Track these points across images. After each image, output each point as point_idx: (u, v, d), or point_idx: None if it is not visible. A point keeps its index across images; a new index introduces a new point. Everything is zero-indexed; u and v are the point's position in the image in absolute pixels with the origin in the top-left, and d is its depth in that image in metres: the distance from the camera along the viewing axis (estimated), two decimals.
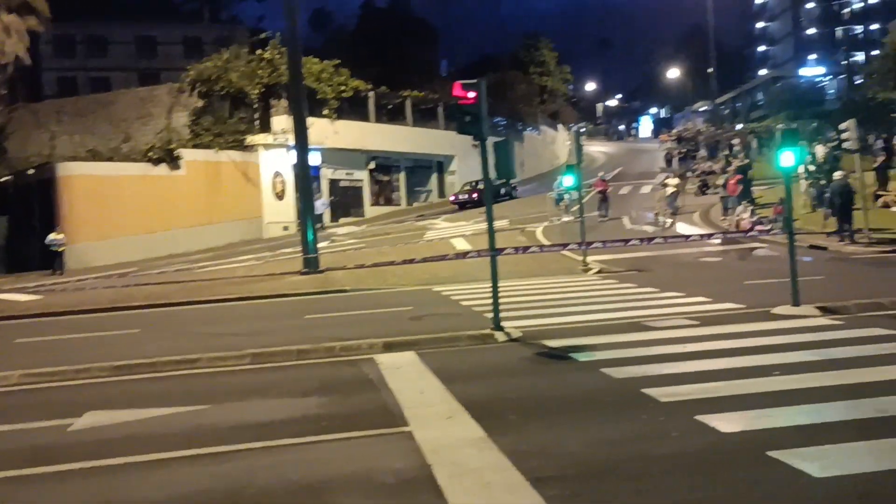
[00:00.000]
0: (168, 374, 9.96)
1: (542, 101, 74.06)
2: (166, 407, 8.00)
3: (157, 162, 32.10)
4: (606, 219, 29.03)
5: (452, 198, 42.76)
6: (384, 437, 6.53)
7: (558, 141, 71.02)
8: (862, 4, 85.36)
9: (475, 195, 39.36)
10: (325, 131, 37.51)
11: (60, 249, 27.76)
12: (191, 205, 32.85)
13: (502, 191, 41.13)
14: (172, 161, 32.52)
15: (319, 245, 23.32)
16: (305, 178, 22.82)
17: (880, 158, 27.64)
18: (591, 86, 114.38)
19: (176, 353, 10.75)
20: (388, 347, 10.39)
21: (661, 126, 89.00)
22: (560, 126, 73.46)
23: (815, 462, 5.18)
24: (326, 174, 39.73)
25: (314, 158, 34.24)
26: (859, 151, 20.94)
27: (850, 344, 8.96)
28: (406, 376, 8.78)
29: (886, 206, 24.08)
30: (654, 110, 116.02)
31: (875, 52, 58.14)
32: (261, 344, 11.04)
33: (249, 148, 36.18)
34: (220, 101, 36.80)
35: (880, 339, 9.17)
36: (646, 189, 37.49)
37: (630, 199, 36.34)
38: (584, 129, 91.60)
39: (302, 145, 22.20)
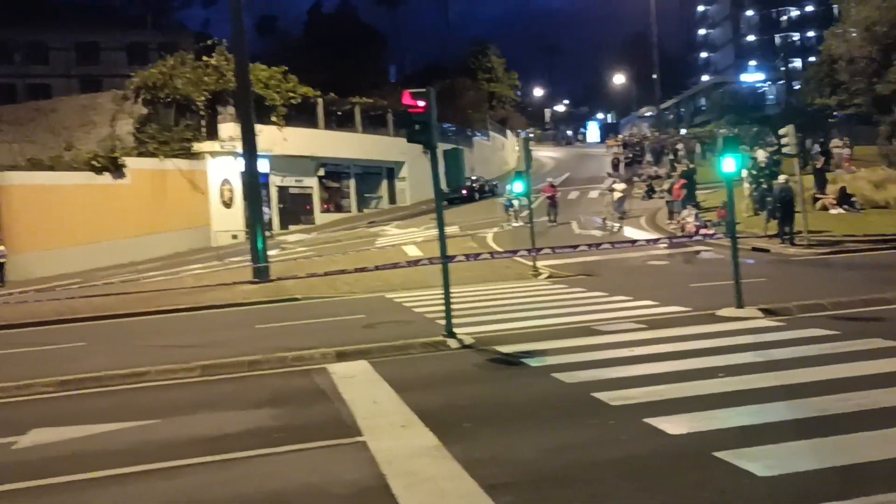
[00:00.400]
0: (115, 388, 9.78)
1: (491, 107, 74.58)
2: (114, 422, 7.86)
3: (100, 171, 31.44)
4: (555, 224, 29.37)
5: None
6: (338, 448, 6.53)
7: (508, 147, 71.64)
8: (798, 13, 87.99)
9: (464, 191, 42.66)
10: (274, 138, 37.22)
11: (1, 261, 27.03)
12: (136, 214, 32.25)
13: (486, 188, 46.41)
14: (116, 170, 31.90)
15: (269, 253, 23.13)
16: (254, 185, 22.64)
17: (818, 162, 28.51)
18: (538, 92, 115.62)
19: (123, 366, 10.56)
20: (341, 357, 10.36)
21: (608, 131, 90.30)
22: (509, 132, 74.09)
23: (758, 462, 5.35)
24: (275, 181, 39.40)
25: (262, 166, 34.00)
26: (798, 156, 21.57)
27: (792, 345, 9.24)
28: (359, 386, 8.77)
29: (825, 208, 24.82)
30: (601, 115, 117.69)
31: (811, 59, 59.89)
32: (211, 355, 10.91)
33: (196, 156, 35.68)
34: (165, 108, 36.20)
35: (820, 339, 9.47)
36: (594, 194, 37.99)
37: (578, 203, 36.82)
38: (532, 135, 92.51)
39: (250, 153, 22.01)
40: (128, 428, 7.66)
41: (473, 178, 47.55)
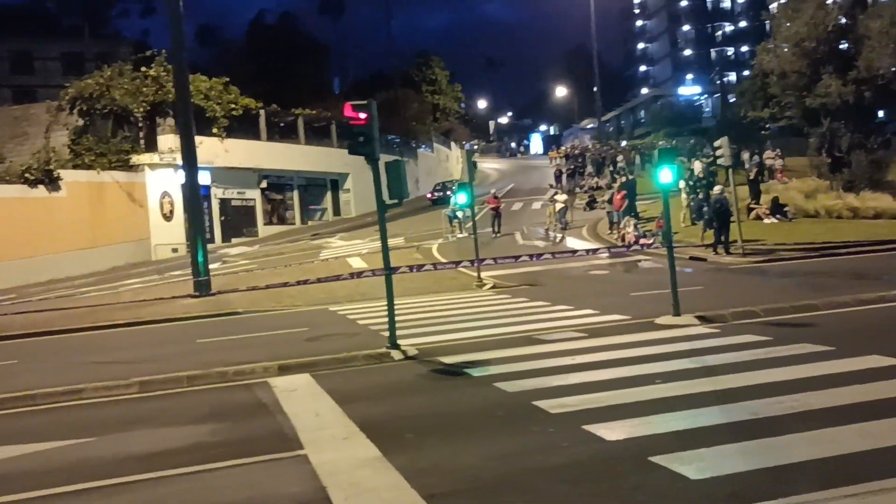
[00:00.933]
0: (50, 406, 9.52)
1: (436, 118, 74.92)
2: (48, 441, 7.66)
3: (34, 184, 30.57)
4: (499, 235, 29.60)
5: (429, 195, 50.23)
6: (279, 462, 6.48)
7: (452, 158, 72.00)
8: (732, 28, 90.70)
9: (448, 192, 45.88)
10: (215, 150, 36.73)
11: None
12: (73, 228, 31.43)
13: (448, 193, 46.78)
14: (52, 182, 31.05)
15: (211, 266, 22.79)
16: (194, 198, 22.31)
17: (753, 173, 29.35)
18: (482, 104, 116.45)
19: (58, 384, 10.27)
20: (283, 370, 10.27)
21: (550, 143, 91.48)
22: (453, 144, 74.51)
23: (691, 465, 5.49)
24: (217, 194, 38.86)
25: (203, 178, 33.51)
26: (733, 167, 22.19)
27: (726, 351, 9.49)
28: (301, 399, 8.72)
29: (759, 218, 25.54)
30: (544, 128, 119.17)
31: (745, 73, 61.73)
32: (150, 371, 10.70)
33: (135, 168, 34.99)
34: (102, 119, 35.42)
35: (753, 345, 9.75)
36: (537, 205, 38.40)
37: (522, 214, 37.17)
38: (476, 147, 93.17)
39: (190, 165, 21.70)
40: (62, 447, 7.47)
41: (447, 182, 51.21)
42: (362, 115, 10.87)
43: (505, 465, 5.91)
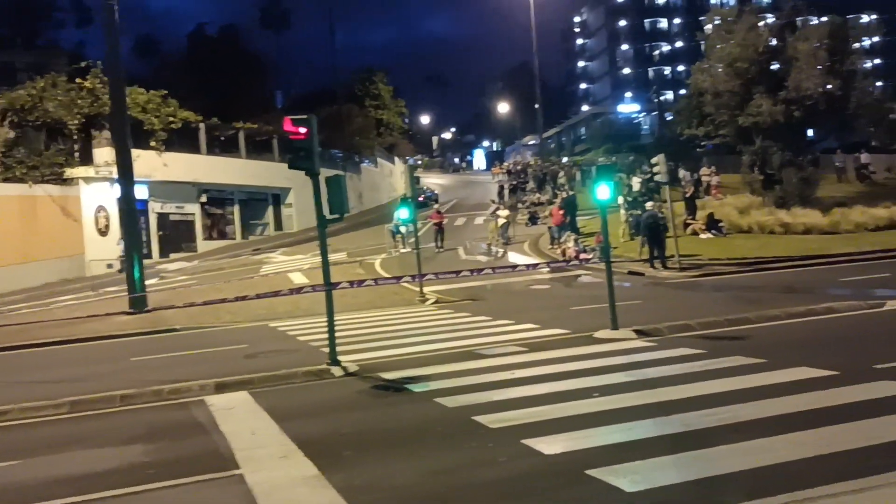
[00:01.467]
0: None
1: (379, 133, 74.82)
2: None
3: None
4: (442, 250, 29.66)
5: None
6: (214, 482, 6.35)
7: (396, 173, 71.97)
8: (669, 48, 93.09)
9: (420, 198, 49.07)
10: (153, 164, 36.03)
11: None
12: (3, 243, 30.38)
13: (420, 199, 49.51)
14: None
15: (148, 283, 22.33)
16: (131, 212, 21.83)
17: (689, 189, 30.05)
18: (426, 119, 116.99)
19: None
20: (221, 388, 10.10)
21: (493, 159, 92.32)
22: (397, 159, 74.53)
23: (626, 477, 5.56)
24: (154, 208, 38.09)
25: (141, 192, 32.88)
26: (669, 183, 22.70)
27: (662, 364, 9.67)
28: (238, 417, 8.57)
29: (695, 233, 26.13)
30: (487, 143, 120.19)
31: (682, 92, 63.28)
32: (81, 390, 10.39)
33: (69, 181, 34.06)
34: (34, 131, 34.40)
35: (688, 358, 9.95)
36: (479, 220, 38.62)
37: (465, 230, 37.33)
38: (420, 162, 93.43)
39: (126, 178, 21.25)
40: None
41: (422, 188, 55.26)
42: (302, 130, 10.80)
43: (443, 481, 5.90)
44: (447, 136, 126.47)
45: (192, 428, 8.32)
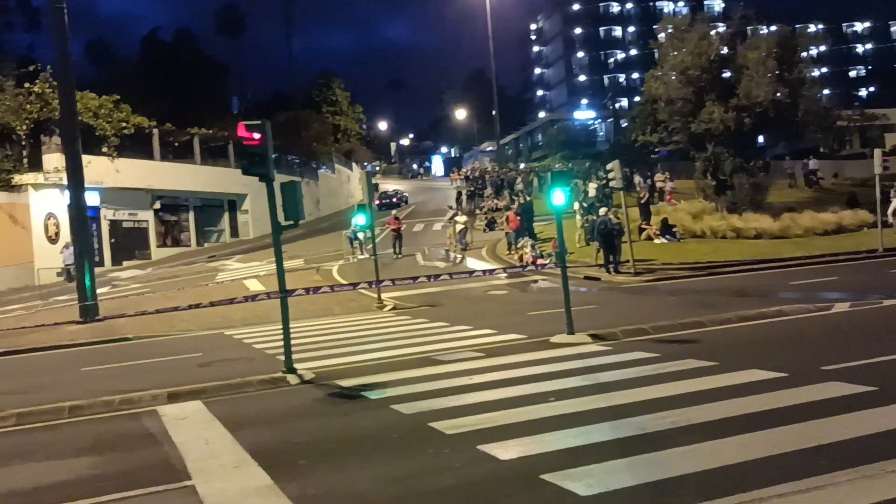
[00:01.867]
0: None
1: (337, 139, 74.57)
2: None
3: None
4: (400, 256, 29.61)
5: (377, 202, 54.75)
6: (165, 494, 6.23)
7: (353, 180, 71.63)
8: (624, 56, 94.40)
9: (394, 199, 57.33)
10: (105, 170, 35.39)
11: None
12: None
13: (394, 199, 57.32)
14: None
15: (99, 291, 21.90)
16: (81, 220, 21.40)
17: (644, 195, 30.46)
18: (384, 125, 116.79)
19: None
20: (173, 398, 9.93)
21: (451, 165, 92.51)
22: (355, 165, 74.25)
23: (581, 481, 5.60)
24: (107, 215, 37.39)
25: (92, 199, 32.20)
26: (624, 189, 22.98)
27: (617, 368, 9.77)
28: (191, 427, 8.43)
29: (650, 238, 26.50)
30: (445, 150, 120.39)
31: (636, 99, 64.20)
32: (29, 402, 10.13)
33: (17, 188, 33.25)
34: None
35: (642, 361, 10.07)
36: (438, 226, 38.67)
37: (423, 236, 37.33)
38: (378, 168, 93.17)
39: (77, 185, 20.84)
40: None
41: (391, 191, 60.16)
42: (256, 136, 10.69)
43: (398, 489, 5.88)
44: (405, 142, 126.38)
45: (144, 439, 8.16)
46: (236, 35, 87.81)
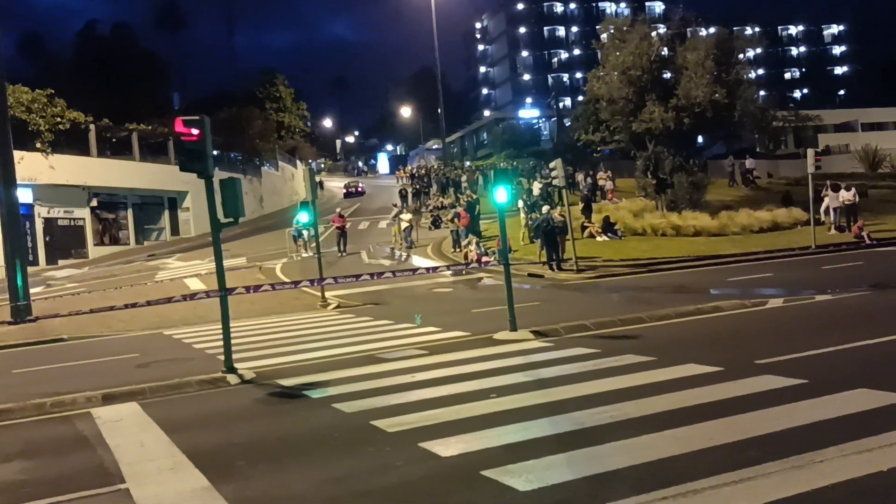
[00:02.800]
0: None
1: (280, 137, 73.68)
2: None
3: None
4: (345, 254, 29.43)
5: (344, 190, 65.71)
6: (98, 499, 6.06)
7: (297, 177, 70.90)
8: (567, 56, 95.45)
9: (358, 189, 66.51)
10: (39, 166, 34.41)
11: None
12: None
13: (358, 189, 65.99)
14: None
15: (33, 291, 21.28)
16: (13, 217, 20.72)
17: (586, 193, 30.88)
18: (328, 123, 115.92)
19: None
20: (108, 399, 9.68)
21: (397, 163, 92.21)
22: (299, 162, 73.50)
23: (520, 477, 5.63)
24: (41, 212, 36.34)
25: (24, 196, 31.27)
26: (566, 187, 23.24)
27: (557, 364, 9.86)
28: (126, 430, 8.23)
29: (592, 236, 26.84)
30: (390, 147, 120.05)
31: (580, 98, 64.95)
32: None
33: None
34: None
35: (583, 357, 10.19)
36: (383, 224, 38.57)
37: (368, 233, 37.18)
38: (323, 166, 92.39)
39: (7, 181, 20.20)
40: None
41: (352, 182, 67.95)
42: (195, 131, 10.49)
43: (338, 489, 5.82)
44: (351, 139, 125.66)
45: (76, 442, 7.94)
46: (177, 31, 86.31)
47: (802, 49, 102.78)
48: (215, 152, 10.09)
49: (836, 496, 4.88)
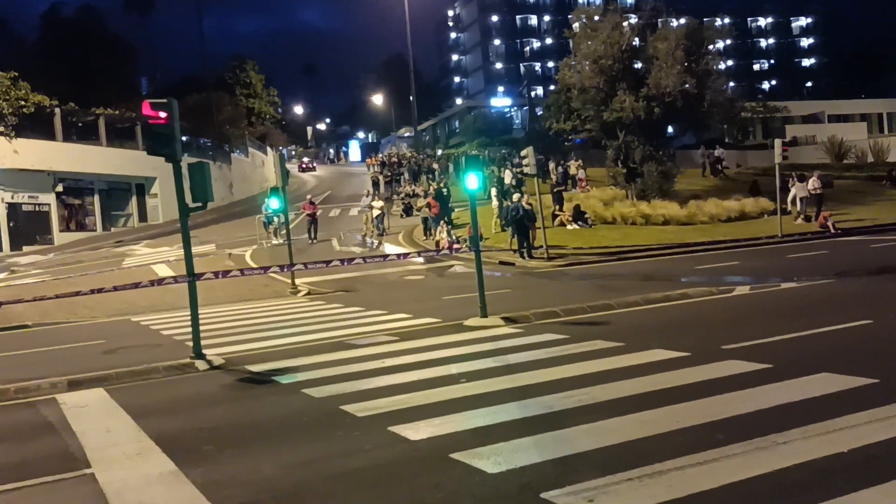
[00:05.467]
0: None
1: (251, 123, 73.01)
2: None
3: None
4: (316, 241, 29.29)
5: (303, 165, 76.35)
6: (62, 483, 6.00)
7: (268, 164, 70.34)
8: (539, 44, 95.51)
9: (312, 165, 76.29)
10: (2, 150, 33.82)
11: None
12: None
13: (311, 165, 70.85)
14: None
15: None
16: None
17: (557, 181, 30.98)
18: (299, 109, 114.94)
19: None
20: (74, 385, 9.56)
21: (369, 150, 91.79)
22: (269, 149, 72.89)
23: (489, 459, 5.67)
24: (5, 198, 35.68)
25: None
26: (538, 175, 23.29)
27: (527, 349, 9.91)
28: (92, 415, 8.14)
29: (563, 224, 26.96)
30: (362, 135, 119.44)
31: (551, 87, 65.08)
32: None
33: None
34: None
35: (551, 343, 10.25)
36: (354, 212, 38.41)
37: (339, 221, 37.02)
38: (294, 153, 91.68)
39: None
40: None
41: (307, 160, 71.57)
42: (162, 114, 10.36)
43: (306, 472, 5.81)
44: (322, 126, 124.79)
45: (41, 428, 7.84)
46: (145, 14, 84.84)
47: (771, 41, 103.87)
48: (184, 138, 9.96)
49: (798, 476, 4.97)
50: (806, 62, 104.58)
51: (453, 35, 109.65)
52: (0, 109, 34.58)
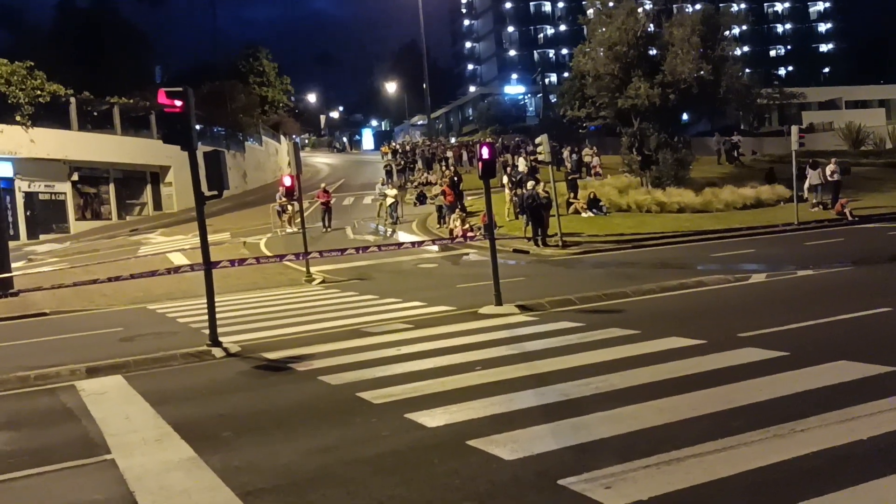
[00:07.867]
0: None
1: (264, 111, 72.96)
2: None
3: None
4: (330, 229, 29.34)
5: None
6: (83, 469, 6.07)
7: (282, 152, 70.46)
8: (553, 31, 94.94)
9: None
10: (19, 139, 33.95)
11: None
12: None
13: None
14: None
15: (15, 265, 21.06)
16: None
17: (572, 169, 30.86)
18: (313, 98, 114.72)
19: None
20: (92, 372, 9.65)
21: (382, 138, 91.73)
22: (283, 137, 72.95)
23: (506, 447, 5.68)
24: (22, 186, 35.91)
25: (5, 169, 30.94)
26: (552, 163, 23.20)
27: (543, 337, 9.91)
28: (111, 402, 8.22)
29: (577, 212, 26.88)
30: (375, 123, 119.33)
31: (565, 74, 64.74)
32: None
33: None
34: None
35: (567, 331, 10.25)
36: (368, 200, 38.41)
37: (353, 209, 37.03)
38: (307, 141, 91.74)
39: None
40: None
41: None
42: (178, 103, 10.38)
43: (324, 458, 5.85)
44: (335, 115, 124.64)
45: (61, 414, 7.92)
46: (158, 3, 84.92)
47: (788, 26, 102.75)
48: (198, 126, 10.01)
49: (816, 464, 4.96)
50: (823, 48, 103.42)
51: (467, 22, 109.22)
52: (16, 99, 34.74)
